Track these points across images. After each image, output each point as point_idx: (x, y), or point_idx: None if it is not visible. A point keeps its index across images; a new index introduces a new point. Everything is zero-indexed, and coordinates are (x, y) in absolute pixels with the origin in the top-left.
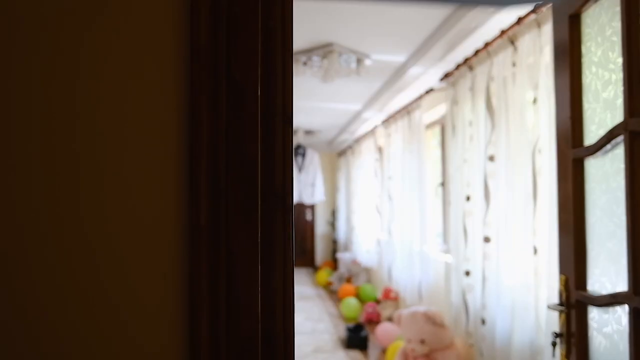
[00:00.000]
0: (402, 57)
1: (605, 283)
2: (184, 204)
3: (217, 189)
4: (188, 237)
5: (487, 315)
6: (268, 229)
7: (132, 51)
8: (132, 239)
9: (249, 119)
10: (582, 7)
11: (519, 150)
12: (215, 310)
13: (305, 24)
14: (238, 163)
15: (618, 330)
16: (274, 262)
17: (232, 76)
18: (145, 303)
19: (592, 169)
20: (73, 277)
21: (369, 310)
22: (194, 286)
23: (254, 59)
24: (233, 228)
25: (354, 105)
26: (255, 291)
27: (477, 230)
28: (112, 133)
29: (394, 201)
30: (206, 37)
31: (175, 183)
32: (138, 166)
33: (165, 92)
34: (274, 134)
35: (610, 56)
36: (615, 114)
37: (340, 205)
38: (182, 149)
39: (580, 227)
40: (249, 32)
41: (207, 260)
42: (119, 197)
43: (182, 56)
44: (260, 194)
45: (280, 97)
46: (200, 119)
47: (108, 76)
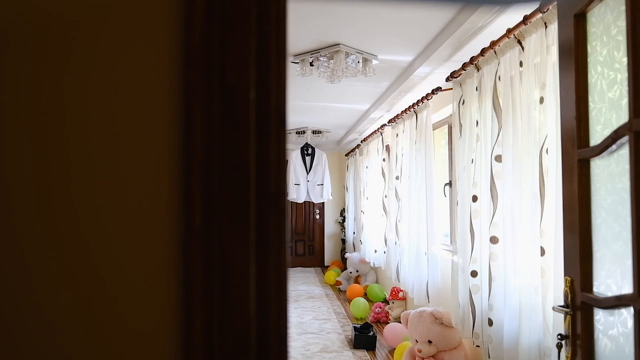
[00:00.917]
0: (409, 57)
1: (610, 285)
2: (179, 205)
3: (211, 191)
4: (182, 238)
5: (494, 316)
6: (262, 229)
7: (125, 55)
8: (127, 239)
9: (242, 122)
10: (588, 6)
11: (525, 150)
12: (209, 310)
13: (311, 24)
14: (231, 165)
15: (624, 332)
16: (268, 263)
17: (225, 79)
18: (140, 303)
19: (598, 170)
20: (72, 279)
21: (377, 310)
22: (188, 287)
23: (247, 62)
24: (226, 229)
25: (362, 105)
26: (248, 291)
27: (484, 231)
28: (106, 135)
29: (402, 201)
30: (200, 41)
31: (170, 185)
32: (132, 168)
33: (159, 95)
34: (268, 136)
35: (615, 55)
36: (621, 114)
37: (349, 204)
38: (177, 151)
39: (586, 228)
40: (243, 35)
41: (201, 261)
42: (115, 198)
43: (176, 59)
44: (255, 195)
45: (275, 99)
46: (194, 121)
47: (101, 79)
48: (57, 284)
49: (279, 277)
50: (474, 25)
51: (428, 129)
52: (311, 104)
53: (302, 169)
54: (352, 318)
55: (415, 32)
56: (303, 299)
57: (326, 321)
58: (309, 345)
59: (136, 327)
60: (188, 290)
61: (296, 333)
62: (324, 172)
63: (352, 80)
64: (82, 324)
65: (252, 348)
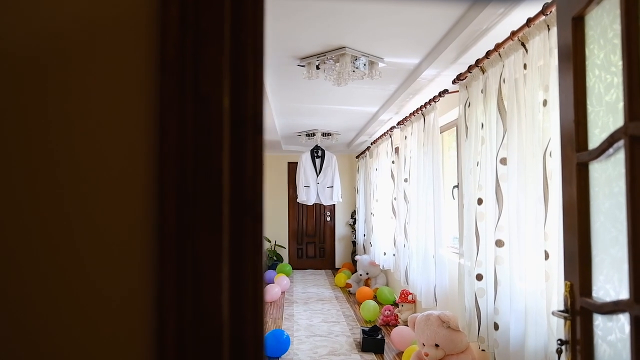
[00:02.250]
0: (415, 60)
1: (609, 290)
2: (153, 213)
3: (184, 198)
4: (156, 244)
5: (500, 320)
6: (238, 235)
7: (102, 66)
8: (102, 243)
9: (215, 130)
10: (585, 9)
11: (530, 153)
12: (181, 314)
13: (317, 27)
14: (204, 173)
15: (621, 338)
16: (244, 268)
17: (199, 88)
18: (115, 307)
19: (596, 173)
20: (48, 296)
21: (386, 313)
22: (162, 293)
23: (220, 71)
24: (199, 235)
25: (370, 107)
26: (220, 296)
27: (490, 234)
28: (83, 144)
29: (410, 203)
30: (174, 51)
31: (144, 193)
32: (108, 175)
33: (135, 105)
34: (245, 144)
35: (612, 59)
36: (617, 117)
37: (360, 206)
38: (151, 159)
39: (585, 233)
40: (216, 45)
41: (174, 266)
42: (91, 204)
43: (152, 69)
44: (230, 201)
45: (251, 108)
46: (168, 130)
47: (78, 90)
48: (49, 287)
49: (255, 282)
50: (478, 27)
51: (435, 131)
52: (320, 107)
53: (312, 171)
54: (361, 321)
55: (421, 34)
56: (313, 302)
57: (335, 324)
58: (317, 348)
59: (111, 331)
60: (161, 295)
61: (305, 336)
62: (333, 174)
63: (360, 83)
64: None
65: (225, 352)
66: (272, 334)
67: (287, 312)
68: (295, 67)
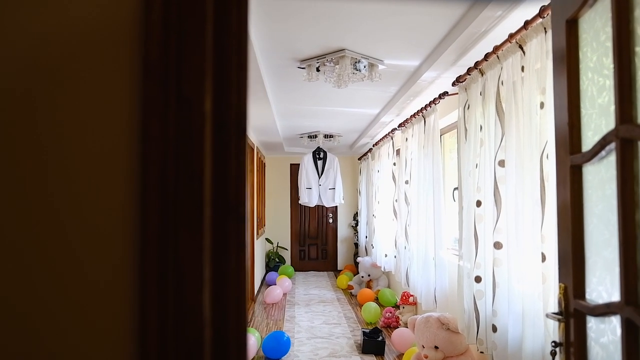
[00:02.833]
0: (415, 62)
1: (602, 292)
2: (136, 215)
3: (166, 201)
4: (139, 246)
5: (498, 323)
6: (220, 237)
7: (86, 70)
8: (87, 246)
9: (197, 133)
10: (579, 12)
11: (528, 155)
12: (163, 315)
13: (316, 29)
14: (186, 175)
15: (613, 340)
16: (226, 270)
17: (181, 92)
18: (97, 308)
19: (589, 176)
20: (34, 300)
21: (387, 315)
22: (144, 293)
23: (203, 75)
24: (181, 236)
25: (372, 109)
26: (201, 297)
27: (488, 236)
28: (70, 144)
29: (411, 205)
30: (157, 54)
31: (127, 196)
32: (92, 178)
33: (118, 107)
34: (228, 147)
35: (604, 62)
36: (609, 120)
37: (362, 208)
38: (134, 162)
39: (578, 235)
40: (198, 48)
41: (156, 268)
42: (75, 207)
43: (135, 72)
44: (211, 204)
45: (234, 111)
46: (151, 132)
47: (64, 94)
48: (38, 287)
49: (237, 282)
50: (477, 30)
51: (436, 133)
52: (322, 109)
53: (314, 173)
54: (362, 323)
55: (420, 37)
56: (314, 303)
57: (336, 326)
58: (318, 349)
59: (93, 331)
60: (143, 296)
61: (305, 337)
62: (335, 176)
63: (361, 85)
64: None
65: (207, 351)
66: (273, 336)
67: (289, 314)
68: (296, 69)
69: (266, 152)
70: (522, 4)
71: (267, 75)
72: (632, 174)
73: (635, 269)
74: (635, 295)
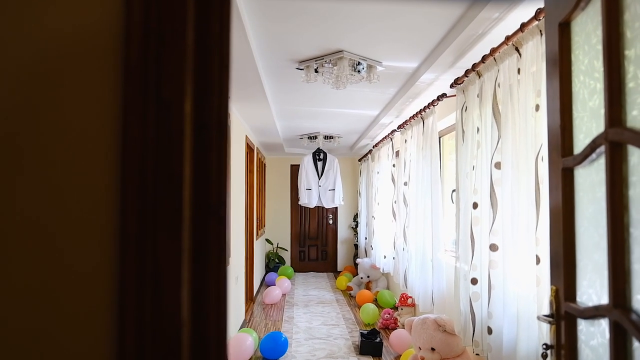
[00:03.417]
0: (414, 64)
1: (591, 295)
2: (115, 216)
3: (145, 202)
4: (118, 245)
5: (493, 325)
6: (200, 237)
7: (70, 72)
8: (67, 245)
9: (176, 134)
10: (571, 15)
11: (523, 158)
12: (141, 314)
13: (314, 31)
14: (165, 177)
15: (602, 343)
16: (206, 270)
17: (161, 94)
18: (75, 309)
19: (580, 179)
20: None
21: (386, 316)
22: (123, 292)
23: (183, 77)
24: (159, 237)
25: (371, 110)
26: (179, 297)
27: (484, 238)
28: (50, 149)
29: (409, 207)
30: (137, 56)
31: (107, 197)
32: (72, 177)
33: (98, 109)
34: (209, 148)
35: (595, 65)
36: (600, 123)
37: (362, 210)
38: (114, 163)
39: (570, 238)
40: (178, 51)
41: (134, 267)
42: (55, 207)
43: (116, 74)
44: (191, 205)
45: (216, 113)
46: (130, 135)
47: (44, 96)
48: (21, 286)
49: (218, 282)
50: (474, 32)
51: (434, 135)
52: (321, 110)
53: (313, 174)
54: (361, 324)
55: (418, 38)
56: (313, 304)
57: (334, 327)
58: (316, 350)
59: (71, 329)
60: (122, 296)
61: (303, 338)
62: (335, 177)
63: (360, 86)
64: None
65: (185, 351)
66: (270, 336)
67: (287, 315)
68: (294, 70)
69: (266, 153)
70: (519, 6)
71: (266, 76)
72: (621, 177)
73: (623, 272)
74: (623, 298)
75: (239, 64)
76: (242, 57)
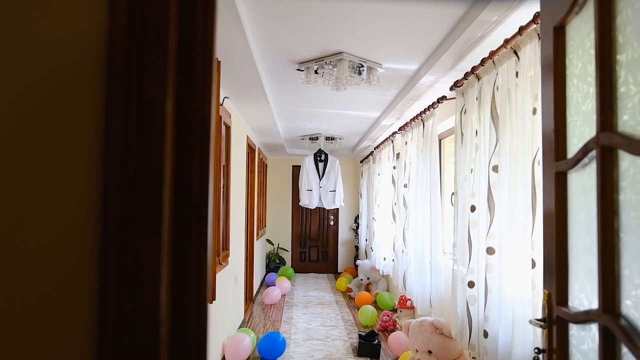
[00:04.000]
0: (414, 66)
1: (583, 300)
2: (97, 214)
3: (126, 200)
4: (99, 244)
5: (489, 328)
6: (182, 236)
7: (49, 69)
8: (50, 241)
9: (157, 134)
10: (566, 18)
11: (521, 161)
12: (120, 311)
13: (314, 33)
14: (145, 176)
15: (593, 348)
16: (188, 268)
17: (143, 94)
18: (56, 306)
19: (573, 183)
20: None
21: (385, 318)
22: (103, 289)
23: (165, 78)
24: (140, 235)
25: (372, 112)
26: (158, 294)
27: (481, 241)
28: (32, 150)
29: (409, 209)
30: (120, 59)
31: (89, 195)
32: (56, 177)
33: (81, 110)
34: (192, 148)
35: (588, 69)
36: (592, 127)
37: (363, 211)
38: (97, 163)
39: (562, 242)
40: (160, 52)
41: (115, 266)
42: (38, 205)
43: (99, 75)
44: (172, 203)
45: (199, 113)
46: (112, 135)
47: (29, 97)
48: None
49: (199, 280)
50: (473, 35)
51: (434, 137)
52: (322, 111)
53: (314, 175)
54: (360, 325)
55: (418, 41)
56: (313, 305)
57: (333, 328)
58: (313, 351)
59: (52, 325)
60: (102, 292)
61: (302, 339)
62: (336, 178)
63: (360, 88)
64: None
65: (163, 347)
66: (268, 337)
67: (286, 315)
68: (294, 71)
69: (268, 154)
70: (517, 10)
71: (266, 77)
72: (612, 181)
73: (612, 277)
74: (613, 303)
75: (239, 65)
76: (241, 57)
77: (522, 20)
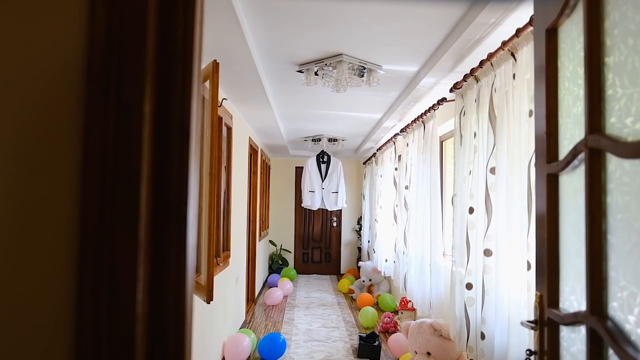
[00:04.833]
0: (414, 68)
1: (573, 302)
2: (75, 213)
3: (104, 200)
4: (77, 244)
5: (486, 330)
6: (160, 236)
7: (28, 74)
8: (26, 242)
9: (135, 135)
10: (558, 21)
11: (517, 163)
12: (97, 311)
13: (314, 34)
14: (123, 176)
15: (582, 350)
16: (167, 268)
17: (121, 97)
18: (33, 306)
19: (564, 185)
20: None
21: (386, 320)
22: (81, 288)
23: (142, 79)
24: (117, 236)
25: (374, 114)
26: (134, 294)
27: (479, 243)
28: (9, 151)
29: (410, 211)
30: (99, 61)
31: (67, 196)
32: (35, 177)
33: (61, 111)
34: (171, 150)
35: (578, 71)
36: (582, 129)
37: (365, 213)
38: (75, 164)
39: (553, 244)
40: (138, 56)
41: (92, 266)
42: (17, 206)
43: (78, 77)
44: (149, 204)
45: (178, 115)
46: (91, 136)
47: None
48: None
49: (178, 281)
50: (472, 37)
51: (434, 139)
52: (324, 112)
53: (317, 177)
54: (361, 327)
55: (417, 43)
56: (314, 306)
57: (334, 329)
58: (314, 352)
59: (30, 324)
60: (80, 291)
61: (302, 340)
62: (339, 180)
63: (361, 90)
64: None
65: (139, 346)
66: (269, 337)
67: (288, 316)
68: (295, 73)
69: (271, 155)
70: (515, 12)
71: (267, 79)
72: (600, 184)
73: (600, 278)
74: (600, 305)
75: (239, 67)
76: (241, 59)
77: (519, 22)
